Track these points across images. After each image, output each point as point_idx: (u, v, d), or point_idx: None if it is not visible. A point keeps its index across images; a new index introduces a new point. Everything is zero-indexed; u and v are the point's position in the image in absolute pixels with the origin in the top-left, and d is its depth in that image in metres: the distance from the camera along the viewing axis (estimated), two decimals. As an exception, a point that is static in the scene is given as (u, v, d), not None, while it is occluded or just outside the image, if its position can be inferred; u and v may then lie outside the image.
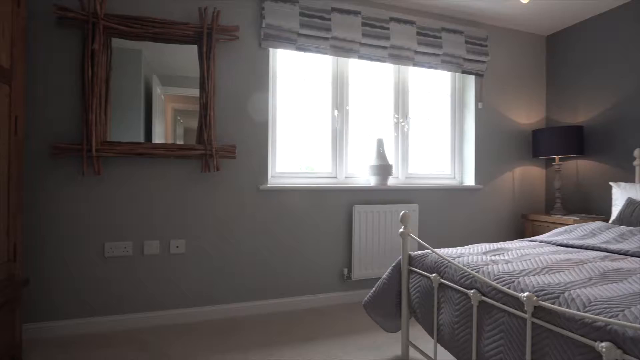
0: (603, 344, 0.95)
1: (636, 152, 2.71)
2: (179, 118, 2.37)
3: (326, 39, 2.66)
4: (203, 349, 2.03)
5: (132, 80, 2.25)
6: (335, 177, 2.89)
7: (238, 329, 2.29)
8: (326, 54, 2.69)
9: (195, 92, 2.39)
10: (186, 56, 2.37)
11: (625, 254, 1.74)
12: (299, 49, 2.62)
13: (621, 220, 2.42)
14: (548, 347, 1.12)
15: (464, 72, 3.14)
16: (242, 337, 2.18)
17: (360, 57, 2.79)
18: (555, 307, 1.07)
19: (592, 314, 1.04)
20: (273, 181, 2.71)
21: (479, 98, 3.25)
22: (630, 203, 2.47)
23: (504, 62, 3.37)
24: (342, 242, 2.80)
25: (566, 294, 1.16)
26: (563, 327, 1.08)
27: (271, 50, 2.70)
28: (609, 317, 1.00)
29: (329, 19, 2.63)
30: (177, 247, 2.39)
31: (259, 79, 2.58)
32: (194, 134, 2.38)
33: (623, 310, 1.01)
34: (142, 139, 2.27)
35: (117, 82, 2.23)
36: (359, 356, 1.94)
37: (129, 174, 2.30)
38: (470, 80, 3.26)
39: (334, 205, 2.77)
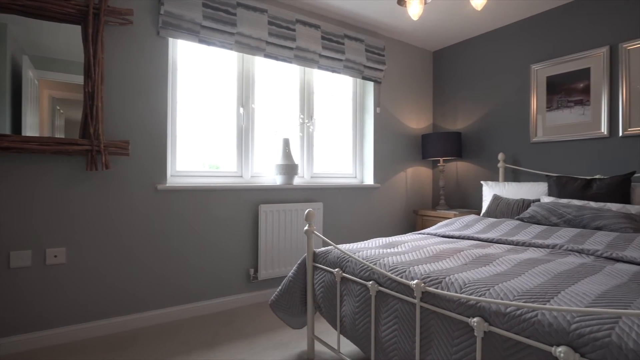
0: (474, 319, 1.11)
1: (500, 156, 3.22)
2: (58, 108, 2.06)
3: (231, 34, 2.59)
4: (89, 369, 1.80)
5: (-8, 60, 1.88)
6: (241, 177, 2.83)
7: (134, 343, 2.09)
8: (231, 49, 2.62)
9: (80, 79, 2.10)
10: (69, 38, 2.07)
11: (492, 241, 2.05)
12: (202, 41, 2.50)
13: (489, 213, 2.86)
14: (434, 327, 1.26)
15: (364, 78, 3.35)
16: (138, 351, 1.99)
17: (267, 55, 2.78)
18: (439, 291, 1.21)
19: (466, 294, 1.21)
20: (173, 180, 2.54)
21: (377, 103, 3.51)
22: (495, 199, 2.92)
23: (399, 71, 3.69)
24: (248, 243, 2.75)
25: (447, 279, 1.32)
26: (445, 308, 1.23)
27: (171, 40, 2.52)
28: (479, 296, 1.18)
29: (235, 14, 2.56)
30: (56, 256, 2.07)
31: (156, 69, 2.39)
32: (78, 127, 2.10)
33: (489, 289, 1.20)
34: (7, 131, 1.92)
35: (-29, 61, 1.85)
36: (265, 356, 1.94)
37: (-12, 172, 1.92)
38: (370, 86, 3.50)
39: (240, 205, 2.71)
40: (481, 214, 2.99)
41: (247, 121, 2.85)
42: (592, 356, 0.89)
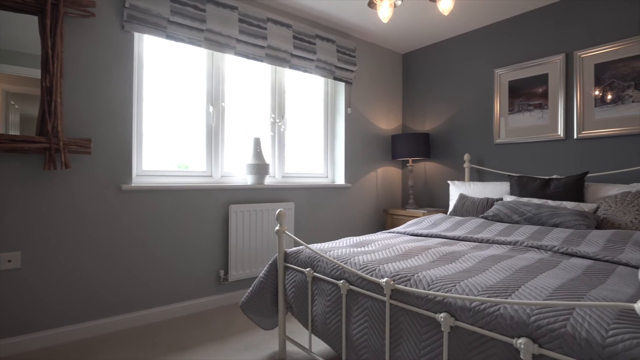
0: (441, 314, 1.15)
1: (466, 156, 3.33)
2: (13, 103, 1.93)
3: (200, 30, 2.53)
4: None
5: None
6: (211, 176, 2.77)
7: (99, 350, 2.00)
8: (200, 46, 2.56)
9: (37, 72, 1.99)
10: (25, 29, 1.95)
11: (458, 239, 2.12)
12: (169, 37, 2.43)
13: (455, 212, 2.95)
14: (403, 323, 1.29)
15: (336, 78, 3.37)
16: (105, 358, 1.91)
17: (237, 53, 2.74)
18: (407, 288, 1.24)
19: (434, 291, 1.25)
20: (139, 180, 2.45)
21: (348, 104, 3.54)
22: (461, 198, 3.03)
23: (369, 72, 3.74)
24: (218, 244, 2.70)
25: (415, 276, 1.35)
26: (413, 304, 1.26)
27: (137, 35, 2.43)
28: (445, 292, 1.22)
29: (204, 10, 2.51)
30: (10, 261, 1.95)
31: (121, 65, 2.30)
32: (34, 124, 1.98)
33: (455, 286, 1.24)
34: (-47, 127, 1.78)
35: None
36: (236, 358, 1.91)
37: None
38: (341, 86, 3.53)
39: (209, 205, 2.66)
40: (448, 213, 3.08)
41: (217, 120, 2.79)
42: (549, 346, 0.94)
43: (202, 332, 2.24)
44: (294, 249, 1.92)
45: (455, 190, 3.24)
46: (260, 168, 2.81)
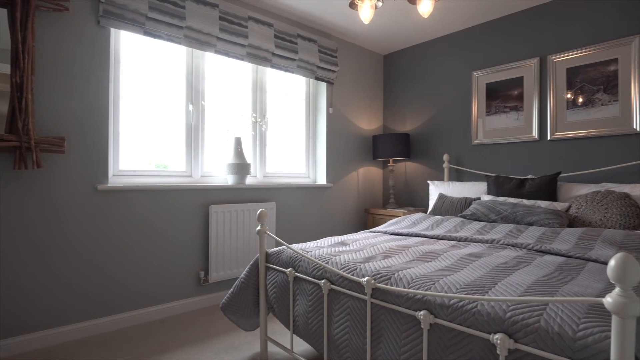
0: (421, 312, 1.16)
1: (445, 157, 3.40)
2: (-22, 99, 1.85)
3: (180, 27, 2.48)
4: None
5: None
6: (190, 176, 2.73)
7: (74, 355, 1.93)
8: (180, 43, 2.51)
9: (6, 68, 1.90)
10: (-10, 22, 1.87)
11: (437, 238, 2.16)
12: (147, 34, 2.37)
13: (435, 211, 3.01)
14: (384, 322, 1.31)
15: (317, 78, 3.38)
16: (74, 363, 1.85)
17: (217, 52, 2.71)
18: (388, 287, 1.26)
19: (413, 289, 1.27)
20: (115, 180, 2.38)
21: (329, 104, 3.55)
22: (440, 197, 3.08)
23: (351, 73, 3.76)
24: (198, 245, 2.66)
25: (396, 275, 1.37)
26: (394, 303, 1.28)
27: (113, 30, 2.37)
28: (425, 290, 1.24)
29: (183, 7, 2.46)
30: (-24, 264, 1.87)
31: (96, 61, 2.23)
32: (4, 121, 1.90)
33: (434, 284, 1.26)
34: None
35: None
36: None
37: None
38: (323, 86, 3.53)
39: (189, 206, 2.61)
40: (428, 212, 3.13)
41: (196, 119, 2.75)
42: (524, 341, 0.96)
43: (181, 334, 2.20)
44: (276, 249, 1.91)
45: (435, 190, 3.30)
46: (241, 168, 2.78)
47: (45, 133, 2.05)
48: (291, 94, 3.41)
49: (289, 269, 1.71)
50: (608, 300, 0.77)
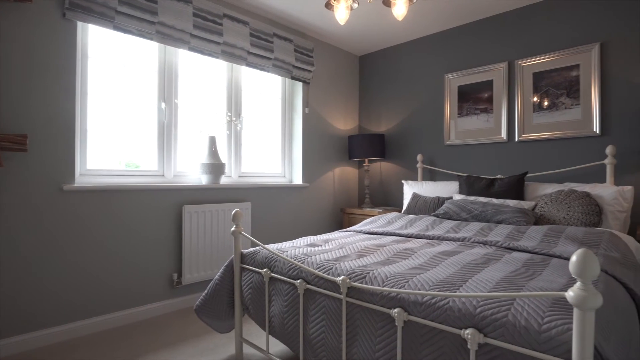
0: (395, 309, 1.19)
1: (419, 157, 3.47)
2: None
3: (152, 23, 2.42)
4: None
5: None
6: (163, 176, 2.66)
7: (31, 364, 1.84)
8: (152, 39, 2.45)
9: (-40, 61, 1.79)
10: (-57, 11, 1.75)
11: (411, 236, 2.20)
12: (117, 28, 2.29)
13: (409, 210, 3.06)
14: (359, 320, 1.32)
15: (293, 78, 3.37)
16: (37, 372, 1.77)
17: (192, 49, 2.65)
18: (363, 285, 1.27)
19: (388, 287, 1.29)
20: (83, 180, 2.29)
21: (305, 103, 3.55)
22: (414, 197, 3.14)
23: (327, 73, 3.78)
24: (171, 246, 2.59)
25: (370, 273, 1.39)
26: (369, 301, 1.30)
27: (80, 24, 2.27)
28: (399, 288, 1.26)
29: (155, 2, 2.40)
30: None
31: (62, 56, 2.14)
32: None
33: (408, 281, 1.28)
34: None
35: None
36: (189, 364, 1.85)
37: None
38: (299, 86, 3.53)
39: (161, 206, 2.55)
40: (402, 211, 3.19)
41: (169, 117, 2.68)
42: (493, 335, 1.00)
43: (153, 339, 2.14)
44: (251, 249, 1.89)
45: (409, 190, 3.36)
46: (215, 167, 2.74)
47: (6, 130, 1.94)
48: (267, 93, 3.39)
49: (265, 270, 1.70)
50: (570, 294, 0.81)
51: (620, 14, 2.53)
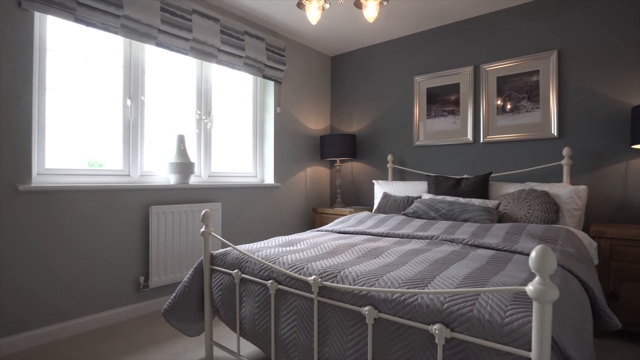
0: (366, 308, 1.20)
1: (389, 157, 3.53)
2: None
3: (116, 16, 2.32)
4: None
5: None
6: (129, 176, 2.56)
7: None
8: (117, 33, 2.35)
9: None
10: None
11: (381, 235, 2.24)
12: (79, 21, 2.19)
13: (379, 209, 3.11)
14: (330, 319, 1.33)
15: (265, 77, 3.34)
16: (-11, 384, 1.66)
17: (159, 44, 2.57)
18: (334, 284, 1.28)
19: (359, 286, 1.30)
20: (40, 180, 2.17)
21: (277, 103, 3.53)
22: (385, 196, 3.20)
23: (299, 73, 3.77)
24: (137, 248, 2.50)
25: (342, 272, 1.40)
26: (340, 300, 1.31)
27: (38, 15, 2.15)
28: (369, 287, 1.28)
29: (120, -5, 2.31)
30: None
31: (17, 48, 2.01)
32: None
33: (378, 280, 1.31)
34: None
35: None
36: (157, 369, 1.79)
37: None
38: (270, 85, 3.50)
39: (127, 207, 2.45)
40: (373, 211, 3.24)
41: (135, 115, 2.59)
42: (459, 329, 1.03)
43: (118, 344, 2.06)
44: (221, 250, 1.86)
45: (380, 189, 3.41)
46: (184, 167, 2.67)
47: (-47, 126, 1.81)
48: (238, 91, 3.34)
49: (235, 271, 1.67)
50: (529, 288, 0.85)
51: (577, 23, 2.68)
